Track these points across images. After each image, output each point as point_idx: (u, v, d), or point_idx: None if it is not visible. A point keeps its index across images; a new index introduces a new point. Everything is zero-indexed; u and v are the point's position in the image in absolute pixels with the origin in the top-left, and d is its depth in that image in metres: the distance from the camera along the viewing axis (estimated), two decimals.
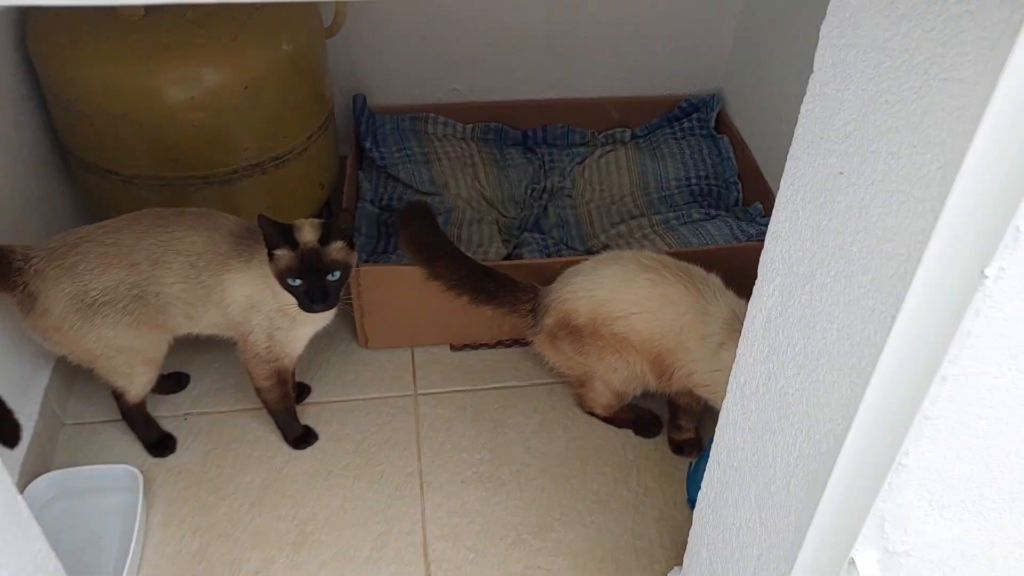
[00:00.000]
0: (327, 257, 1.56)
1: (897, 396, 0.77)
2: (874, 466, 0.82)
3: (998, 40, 0.59)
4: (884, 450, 0.80)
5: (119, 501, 1.77)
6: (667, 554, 1.74)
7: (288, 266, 1.55)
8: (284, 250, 1.55)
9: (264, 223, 1.52)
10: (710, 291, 1.75)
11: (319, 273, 1.55)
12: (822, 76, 0.91)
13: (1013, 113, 0.59)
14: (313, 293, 1.56)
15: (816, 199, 0.94)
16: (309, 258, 1.55)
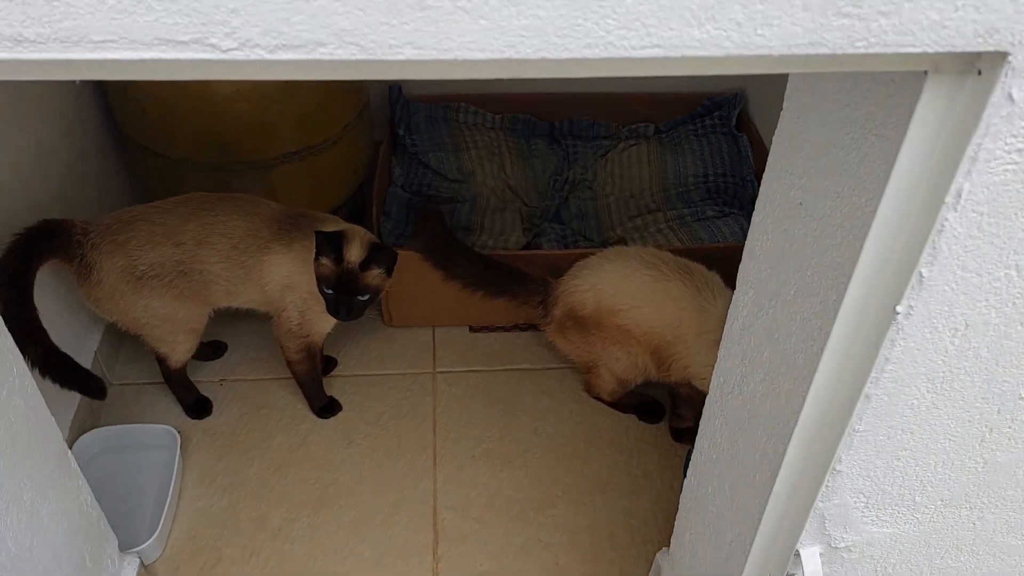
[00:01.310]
0: (362, 282, 1.73)
1: (831, 408, 0.87)
2: (813, 469, 0.92)
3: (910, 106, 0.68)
4: (821, 456, 0.90)
5: (158, 458, 1.93)
6: (659, 535, 1.86)
7: (326, 276, 1.72)
8: (329, 260, 1.71)
9: (320, 236, 1.69)
10: (709, 289, 1.84)
11: (350, 292, 1.72)
12: (788, 115, 0.99)
13: (917, 172, 0.68)
14: (340, 305, 1.74)
15: (781, 224, 1.03)
16: (346, 277, 1.72)
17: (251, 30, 0.54)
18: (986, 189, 0.65)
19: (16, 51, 0.54)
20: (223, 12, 0.53)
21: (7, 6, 0.52)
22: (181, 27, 0.54)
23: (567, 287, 1.95)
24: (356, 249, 1.72)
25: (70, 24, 0.53)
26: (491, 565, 1.80)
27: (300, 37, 0.55)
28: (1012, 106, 0.60)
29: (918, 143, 0.65)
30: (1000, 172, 0.63)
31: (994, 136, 0.61)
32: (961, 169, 0.63)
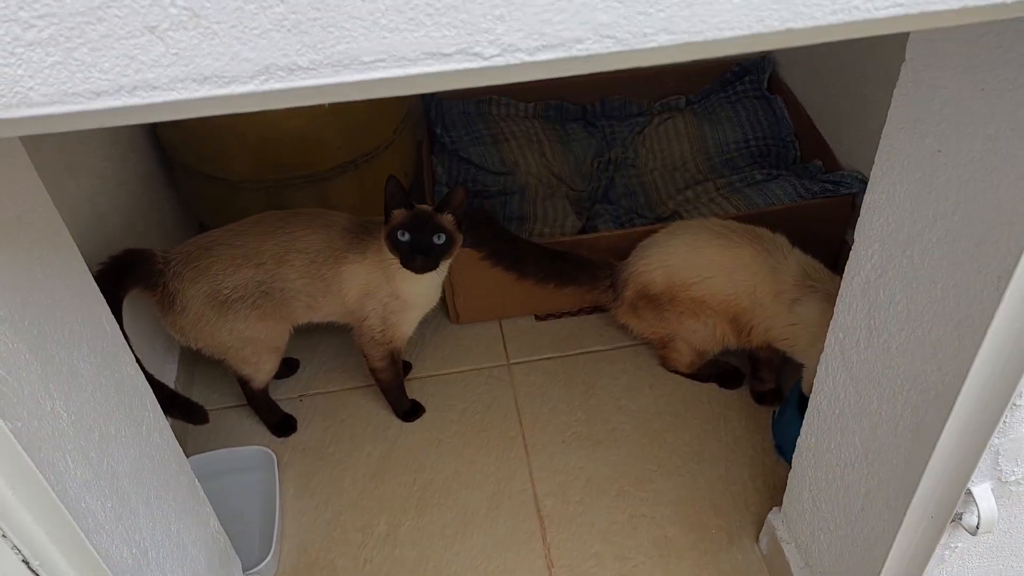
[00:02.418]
0: (436, 220, 1.70)
1: (1010, 346, 0.89)
2: (990, 408, 0.94)
3: None
4: (999, 393, 0.92)
5: (255, 479, 1.94)
6: (760, 496, 1.88)
7: (401, 221, 1.69)
8: (401, 209, 1.70)
9: (391, 183, 1.67)
10: (778, 251, 1.86)
11: (427, 231, 1.68)
12: (915, 64, 1.01)
13: None
14: (418, 246, 1.67)
15: (914, 174, 1.05)
16: (420, 217, 1.69)
17: (514, 35, 0.55)
18: None
19: (289, 80, 0.55)
20: (489, 20, 0.55)
21: (285, 37, 0.53)
22: (448, 39, 0.55)
23: (636, 267, 1.97)
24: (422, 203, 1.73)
25: (343, 48, 0.54)
26: (602, 545, 1.82)
27: (559, 36, 0.56)
28: None
29: None
30: None
31: None
32: None
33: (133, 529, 1.13)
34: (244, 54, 0.54)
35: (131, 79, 0.53)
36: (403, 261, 1.70)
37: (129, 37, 0.52)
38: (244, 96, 0.55)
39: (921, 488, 1.07)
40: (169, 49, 0.52)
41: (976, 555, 1.12)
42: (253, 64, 0.54)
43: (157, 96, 0.54)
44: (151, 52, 0.52)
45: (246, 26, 0.52)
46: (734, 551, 1.80)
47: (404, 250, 1.69)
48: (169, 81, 0.54)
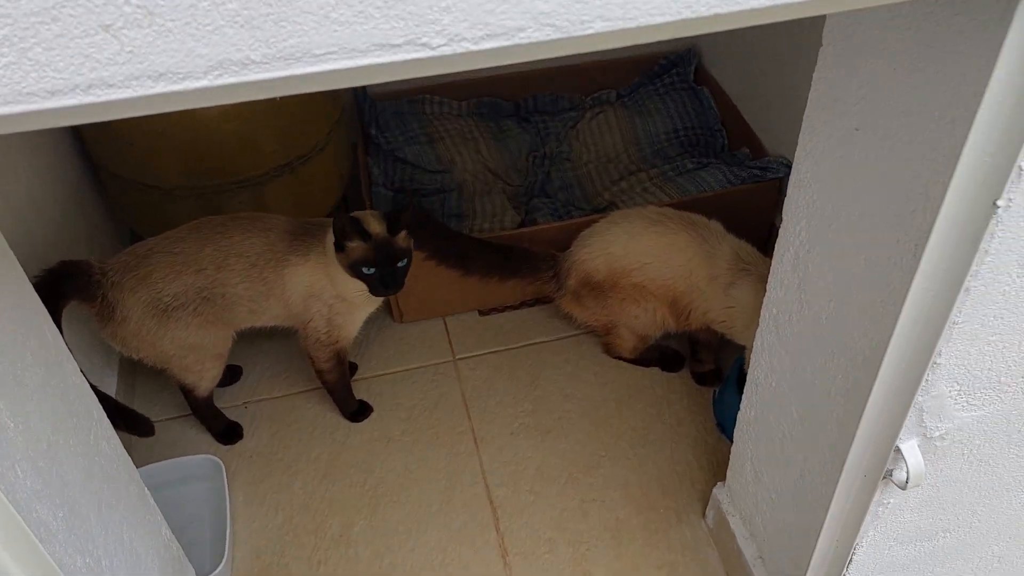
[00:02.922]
0: (396, 246, 1.72)
1: (928, 308, 0.95)
2: (912, 367, 1.01)
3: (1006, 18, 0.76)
4: (920, 353, 0.98)
5: (202, 488, 1.92)
6: (705, 474, 1.94)
7: (363, 256, 1.69)
8: (357, 242, 1.69)
9: (339, 219, 1.66)
10: (713, 236, 1.93)
11: (391, 261, 1.71)
12: (832, 48, 1.07)
13: (1013, 74, 0.76)
14: (386, 279, 1.71)
15: (835, 153, 1.11)
16: (382, 248, 1.70)
17: (459, 25, 0.58)
18: None
19: (242, 74, 0.57)
20: (435, 11, 0.57)
21: (238, 32, 0.55)
22: (397, 31, 0.57)
23: (578, 257, 2.02)
24: (374, 222, 1.72)
25: (295, 41, 0.56)
26: (554, 531, 1.86)
27: (503, 25, 0.59)
28: None
29: (1018, 49, 0.73)
30: None
31: None
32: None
33: (86, 538, 1.11)
34: (198, 50, 0.55)
35: (86, 77, 0.54)
36: (372, 291, 1.74)
37: (84, 36, 0.53)
38: (199, 91, 0.57)
39: (854, 449, 1.14)
40: (124, 47, 0.54)
41: (907, 510, 1.19)
42: (207, 60, 0.55)
43: (112, 94, 0.55)
44: (106, 50, 0.54)
45: (200, 23, 0.54)
46: (682, 528, 1.85)
47: (372, 283, 1.72)
48: (124, 79, 0.55)
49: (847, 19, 1.01)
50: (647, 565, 1.80)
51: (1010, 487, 1.22)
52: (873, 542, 1.23)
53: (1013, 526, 1.30)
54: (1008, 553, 1.37)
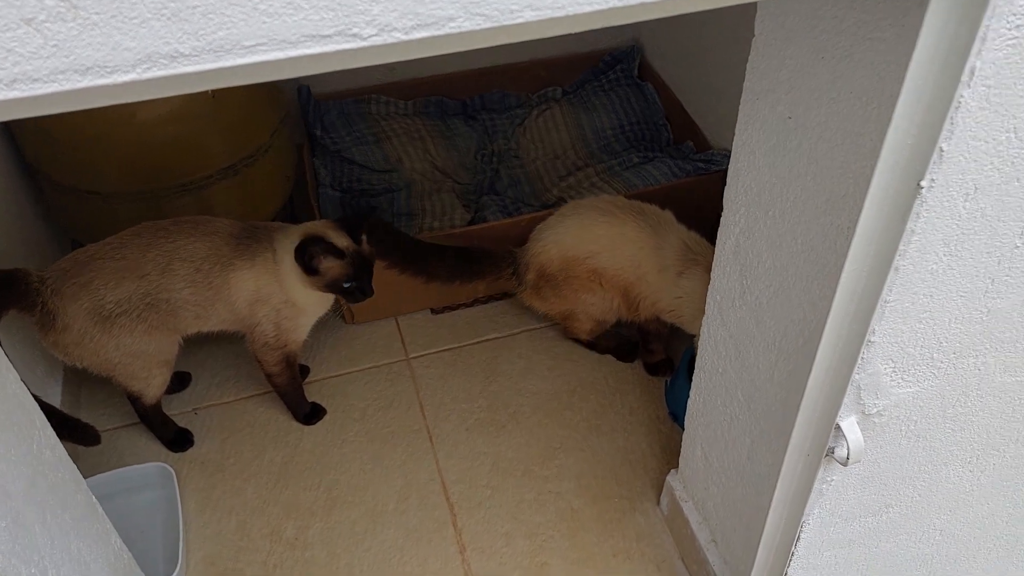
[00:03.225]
0: (366, 254, 1.76)
1: (861, 288, 0.98)
2: (848, 346, 1.04)
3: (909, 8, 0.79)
4: (855, 332, 1.01)
5: (153, 496, 1.89)
6: (658, 462, 1.97)
7: (342, 274, 1.73)
8: (332, 261, 1.71)
9: (303, 251, 1.69)
10: (663, 227, 1.96)
11: (367, 272, 1.76)
12: (763, 38, 1.10)
13: (931, 59, 0.79)
14: (364, 288, 1.76)
15: (769, 140, 1.14)
16: (357, 261, 1.74)
17: (390, 15, 0.59)
18: (993, 64, 0.76)
19: (172, 67, 0.57)
20: (365, 2, 0.58)
21: (166, 25, 0.55)
22: (327, 21, 0.58)
23: (533, 250, 2.04)
24: (339, 236, 1.73)
25: (224, 34, 0.56)
26: (512, 524, 1.87)
27: (433, 15, 0.60)
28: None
29: (934, 36, 0.76)
30: (1003, 48, 0.75)
31: (999, 16, 0.72)
32: (973, 50, 0.74)
33: (30, 548, 1.09)
34: (125, 44, 0.55)
35: (9, 72, 0.54)
36: (350, 301, 1.82)
37: (5, 30, 0.52)
38: (127, 85, 0.56)
39: (796, 428, 1.17)
40: (48, 41, 0.53)
41: (849, 487, 1.22)
42: (135, 53, 0.55)
43: (38, 88, 0.55)
44: (29, 44, 0.53)
45: (125, 16, 0.54)
46: (637, 516, 1.88)
47: (351, 294, 1.77)
48: (49, 73, 0.54)
49: (776, 9, 1.04)
50: (603, 553, 1.82)
51: (947, 461, 1.26)
52: (819, 519, 1.27)
53: (951, 500, 1.35)
54: (948, 526, 1.42)
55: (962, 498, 1.35)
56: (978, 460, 1.28)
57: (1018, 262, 0.98)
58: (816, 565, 1.36)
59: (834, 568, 1.39)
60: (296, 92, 2.54)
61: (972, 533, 1.45)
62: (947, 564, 1.48)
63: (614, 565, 1.80)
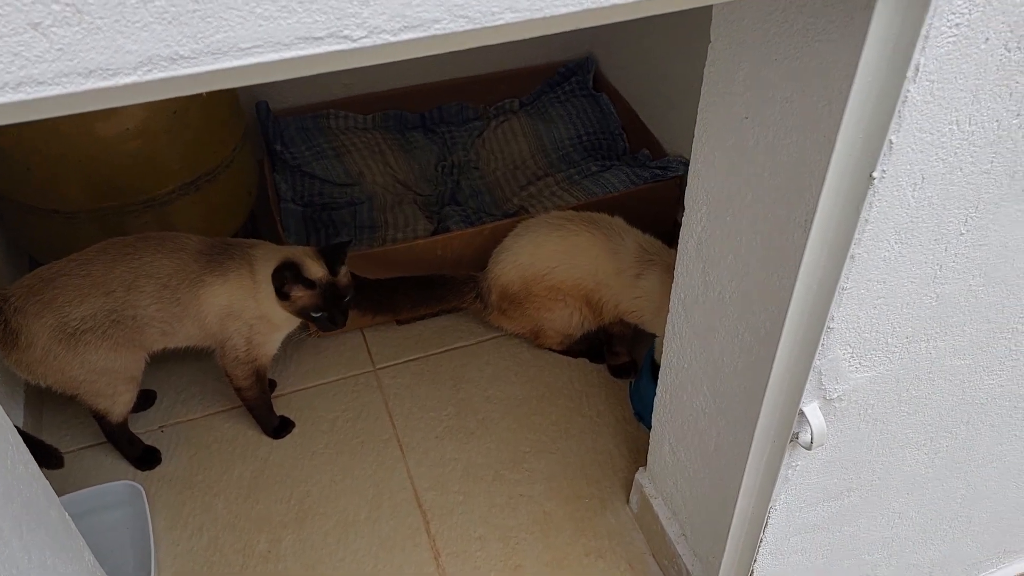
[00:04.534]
0: (340, 286, 1.78)
1: (819, 277, 1.03)
2: (809, 333, 1.09)
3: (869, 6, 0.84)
4: (815, 319, 1.07)
5: (122, 514, 1.87)
6: (626, 461, 2.01)
7: (311, 304, 1.76)
8: (301, 290, 1.74)
9: (278, 276, 1.72)
10: (616, 233, 2.02)
11: (338, 302, 1.78)
12: (719, 44, 1.15)
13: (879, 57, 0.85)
14: (335, 318, 1.78)
15: (727, 141, 1.19)
16: (328, 292, 1.76)
17: (379, 18, 0.62)
18: (936, 60, 0.82)
19: (172, 69, 0.59)
20: (355, 5, 0.61)
21: (167, 28, 0.57)
22: (319, 24, 0.61)
23: (493, 273, 2.10)
24: (315, 266, 1.76)
25: (222, 36, 0.59)
26: (484, 528, 1.89)
27: (420, 17, 0.63)
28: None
29: (881, 35, 0.81)
30: (945, 45, 0.81)
31: (940, 15, 0.78)
32: (918, 47, 0.80)
33: (10, 563, 1.09)
34: (127, 47, 0.57)
35: (15, 75, 0.55)
36: (320, 328, 1.84)
37: (12, 35, 0.54)
38: (129, 87, 0.58)
39: (762, 416, 1.22)
40: (53, 45, 0.55)
41: (813, 471, 1.27)
42: (136, 56, 0.57)
43: (43, 91, 0.57)
44: (35, 48, 0.55)
45: (128, 20, 0.56)
46: (608, 515, 1.91)
47: (321, 322, 1.80)
48: (54, 76, 0.56)
49: (731, 15, 1.09)
50: (576, 553, 1.85)
51: (903, 444, 1.32)
52: (786, 505, 1.31)
53: (908, 482, 1.41)
54: (906, 509, 1.48)
55: (918, 480, 1.41)
56: (932, 443, 1.35)
57: (964, 249, 1.04)
58: (783, 551, 1.41)
59: (800, 553, 1.44)
60: (255, 108, 2.55)
61: (928, 515, 1.51)
62: (906, 545, 1.54)
63: (587, 564, 1.83)
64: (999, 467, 1.48)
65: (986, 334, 1.19)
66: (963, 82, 0.86)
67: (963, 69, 0.85)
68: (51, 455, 1.71)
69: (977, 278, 1.09)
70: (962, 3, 0.79)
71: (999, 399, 1.32)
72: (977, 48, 0.83)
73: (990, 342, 1.21)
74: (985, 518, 1.59)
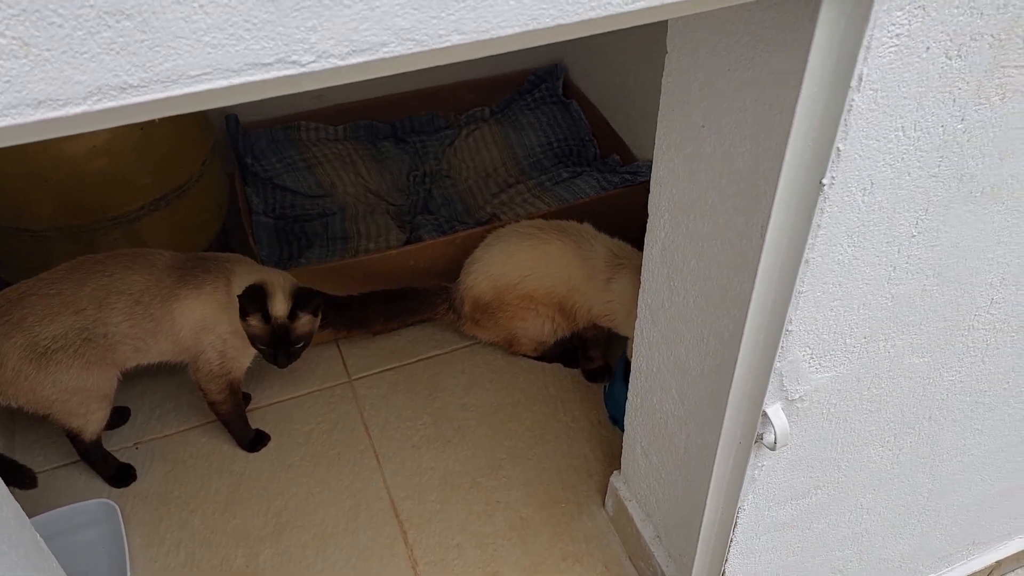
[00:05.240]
0: (294, 332, 1.79)
1: (777, 282, 1.06)
2: (769, 336, 1.11)
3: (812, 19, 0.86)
4: (774, 323, 1.09)
5: (98, 533, 1.86)
6: (601, 465, 2.03)
7: (259, 336, 1.77)
8: (257, 320, 1.74)
9: (242, 300, 1.72)
10: (585, 239, 2.04)
11: (284, 345, 1.79)
12: (675, 55, 1.17)
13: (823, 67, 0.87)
14: (279, 358, 1.80)
15: (686, 148, 1.21)
16: (278, 333, 1.78)
17: (327, 43, 0.63)
18: (879, 70, 0.84)
19: (121, 98, 0.60)
20: (303, 31, 0.62)
21: (115, 59, 0.58)
22: (268, 50, 0.62)
23: (465, 284, 2.11)
24: (281, 302, 1.76)
25: (171, 65, 0.60)
26: (462, 536, 1.90)
27: (367, 41, 0.64)
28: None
29: (824, 47, 0.83)
30: (887, 55, 0.83)
31: (880, 27, 0.80)
32: (860, 58, 0.82)
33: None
34: (76, 77, 0.58)
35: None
36: (265, 358, 1.83)
37: None
38: (79, 117, 0.59)
39: (727, 418, 1.24)
40: (1, 77, 0.56)
41: (780, 471, 1.30)
42: (85, 86, 0.58)
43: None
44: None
45: (76, 51, 0.57)
46: (584, 519, 1.93)
47: (265, 354, 1.81)
48: (3, 108, 0.57)
49: (685, 27, 1.11)
50: (553, 558, 1.86)
51: (867, 441, 1.35)
52: (754, 504, 1.33)
53: (874, 478, 1.43)
54: (874, 504, 1.50)
55: (884, 476, 1.44)
56: (896, 439, 1.37)
57: (916, 250, 1.06)
58: (754, 549, 1.43)
59: (771, 552, 1.47)
60: (224, 122, 2.55)
61: (896, 510, 1.54)
62: (875, 540, 1.57)
63: (564, 568, 1.85)
64: (963, 461, 1.51)
65: (943, 332, 1.22)
66: (906, 90, 0.88)
67: (906, 77, 0.87)
68: (24, 475, 1.71)
69: (931, 278, 1.12)
70: (901, 15, 0.81)
71: (960, 395, 1.35)
72: (918, 57, 0.86)
73: (947, 340, 1.23)
74: (952, 511, 1.62)
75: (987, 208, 1.07)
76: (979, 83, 0.91)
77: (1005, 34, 0.88)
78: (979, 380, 1.34)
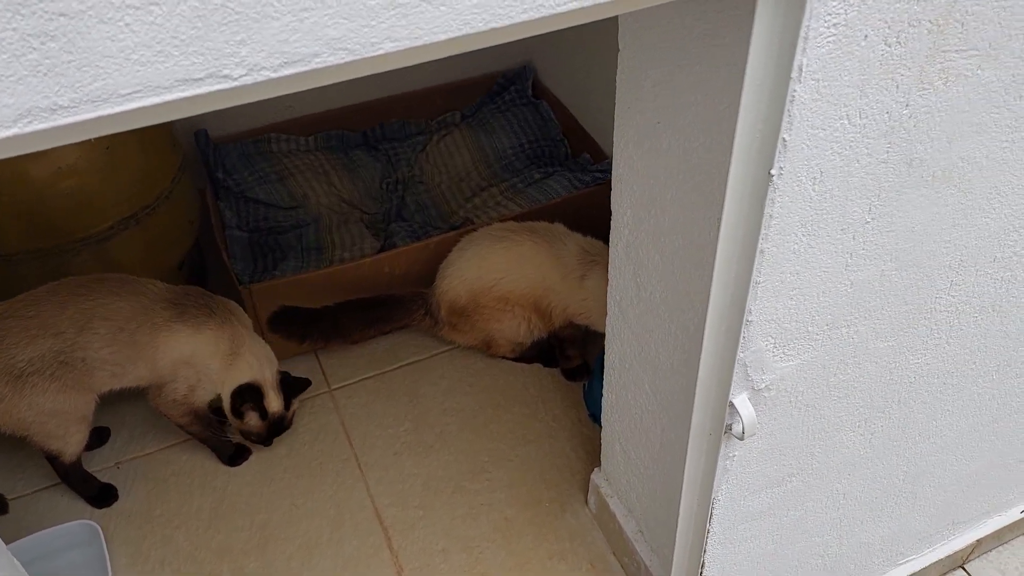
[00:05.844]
0: (287, 420, 1.98)
1: (734, 273, 1.06)
2: (731, 328, 1.12)
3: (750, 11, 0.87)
4: (735, 314, 1.09)
5: (81, 555, 1.86)
6: (583, 463, 2.04)
7: (255, 431, 1.91)
8: (254, 418, 1.87)
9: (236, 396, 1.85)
10: (557, 238, 2.06)
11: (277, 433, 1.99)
12: (627, 52, 1.18)
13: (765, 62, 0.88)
14: (265, 442, 1.97)
15: (643, 145, 1.22)
16: (275, 427, 1.96)
17: (257, 56, 0.63)
18: (818, 60, 0.85)
19: (52, 119, 0.60)
20: (232, 45, 0.62)
21: (43, 80, 0.58)
22: (197, 65, 0.62)
23: (440, 289, 2.12)
24: (275, 399, 1.88)
25: (100, 84, 0.60)
26: (447, 540, 1.90)
27: (298, 52, 0.64)
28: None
29: (764, 39, 0.84)
30: (825, 44, 0.84)
31: (816, 17, 0.81)
32: (799, 49, 0.83)
33: None
34: (3, 100, 0.58)
35: None
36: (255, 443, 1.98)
37: None
38: (10, 140, 0.59)
39: (696, 410, 1.24)
40: None
41: (752, 460, 1.30)
42: (14, 109, 0.58)
43: None
44: None
45: (1, 74, 0.57)
46: (568, 517, 1.93)
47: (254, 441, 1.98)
48: None
49: (635, 24, 1.12)
50: (539, 557, 1.87)
51: (838, 427, 1.36)
52: (728, 494, 1.34)
53: (848, 463, 1.44)
54: (850, 489, 1.51)
55: (858, 461, 1.45)
56: (867, 424, 1.38)
57: (871, 236, 1.07)
58: (732, 539, 1.44)
59: (750, 541, 1.47)
60: (194, 137, 2.54)
61: (873, 494, 1.55)
62: (854, 524, 1.58)
63: (550, 567, 1.85)
64: (936, 442, 1.52)
65: (905, 316, 1.23)
66: (848, 78, 0.89)
67: (847, 66, 0.88)
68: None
69: (888, 263, 1.13)
70: (837, 4, 0.82)
71: (927, 377, 1.36)
72: (858, 46, 0.87)
73: (910, 323, 1.25)
74: (929, 492, 1.63)
75: (940, 192, 1.08)
76: (921, 69, 0.92)
77: (943, 19, 0.89)
78: (945, 362, 1.35)
